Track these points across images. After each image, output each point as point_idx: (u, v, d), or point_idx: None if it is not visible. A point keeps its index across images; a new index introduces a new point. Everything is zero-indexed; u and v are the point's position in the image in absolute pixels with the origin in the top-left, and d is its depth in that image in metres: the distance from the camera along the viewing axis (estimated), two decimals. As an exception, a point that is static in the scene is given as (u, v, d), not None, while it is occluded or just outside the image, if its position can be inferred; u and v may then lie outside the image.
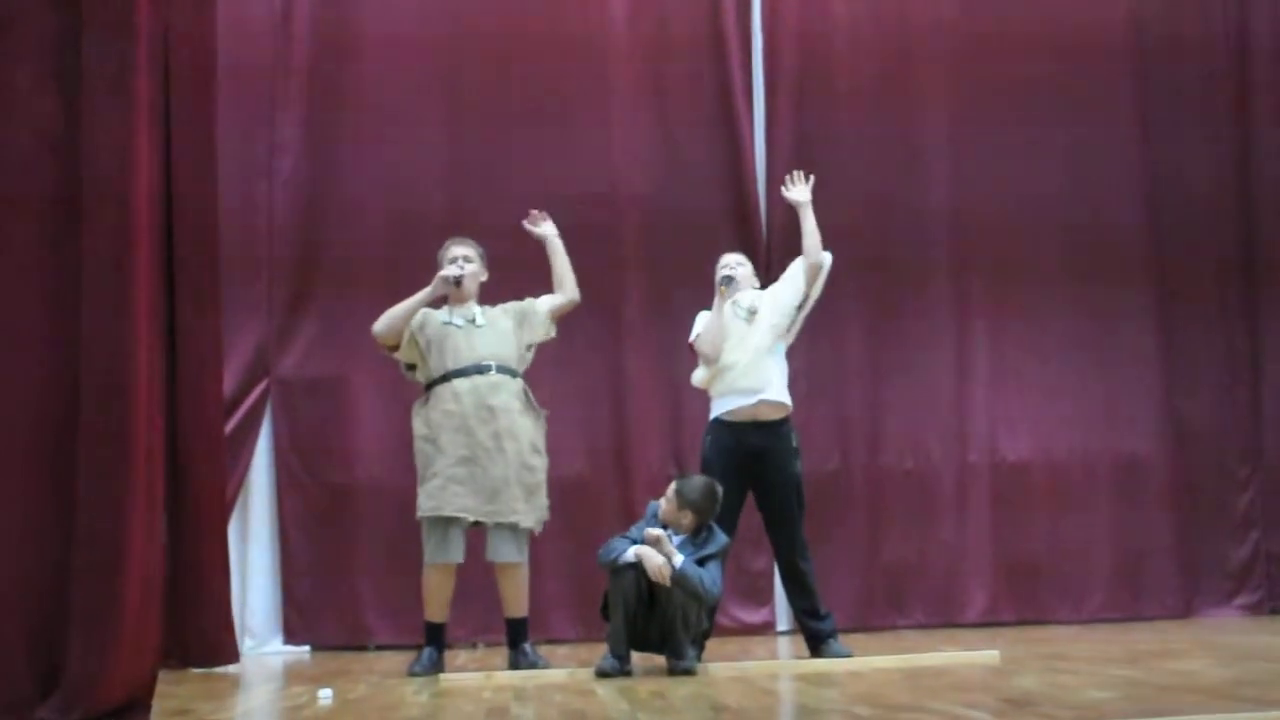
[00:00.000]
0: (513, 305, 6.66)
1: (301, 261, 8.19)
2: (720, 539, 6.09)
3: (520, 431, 6.39)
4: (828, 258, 6.66)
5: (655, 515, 6.08)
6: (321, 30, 8.33)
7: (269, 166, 8.20)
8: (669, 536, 5.97)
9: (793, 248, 8.47)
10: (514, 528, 6.33)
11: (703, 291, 8.35)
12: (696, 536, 6.04)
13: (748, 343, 6.61)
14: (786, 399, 6.65)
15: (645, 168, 8.50)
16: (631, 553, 5.87)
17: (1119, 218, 8.83)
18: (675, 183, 8.50)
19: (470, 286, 6.57)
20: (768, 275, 8.33)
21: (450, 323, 6.48)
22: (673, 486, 6.09)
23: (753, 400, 6.54)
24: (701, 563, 5.95)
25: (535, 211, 6.75)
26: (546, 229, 6.75)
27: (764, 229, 8.53)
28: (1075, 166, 8.82)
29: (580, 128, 8.46)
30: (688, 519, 6.03)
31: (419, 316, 6.53)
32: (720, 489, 6.16)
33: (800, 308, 6.74)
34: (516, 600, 6.44)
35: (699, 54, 8.61)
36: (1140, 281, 8.81)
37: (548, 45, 8.47)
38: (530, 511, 6.38)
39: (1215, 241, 8.92)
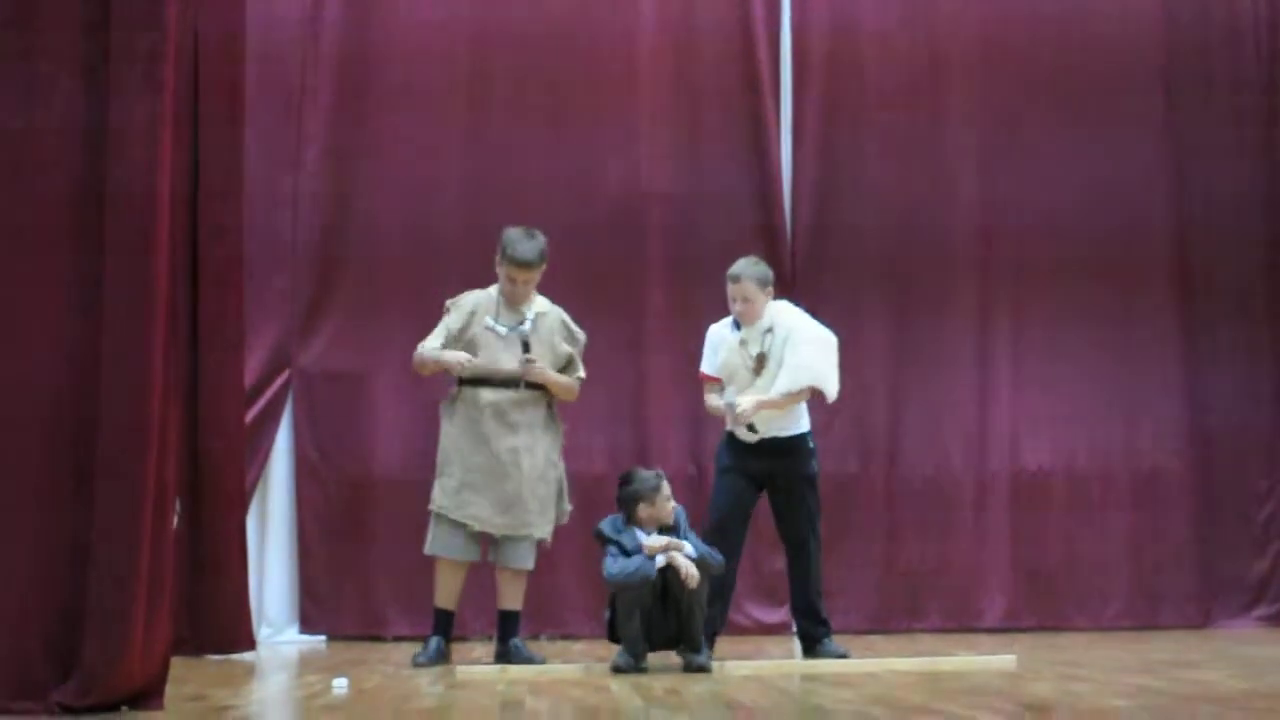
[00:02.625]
0: (570, 334, 6.65)
1: (326, 254, 8.20)
2: (678, 508, 6.15)
3: (539, 446, 6.48)
4: (830, 386, 6.56)
5: (620, 530, 6.04)
6: (349, 26, 8.33)
7: (295, 159, 8.21)
8: (649, 534, 6.01)
9: (818, 252, 8.52)
10: (526, 539, 6.43)
11: (725, 298, 8.38)
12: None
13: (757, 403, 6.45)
14: (799, 429, 6.59)
15: (670, 170, 8.47)
16: (662, 559, 5.88)
17: (1143, 228, 8.77)
18: (700, 184, 8.48)
19: (529, 297, 6.58)
20: (793, 284, 8.37)
21: (493, 329, 6.49)
22: (662, 489, 6.06)
23: (759, 437, 6.51)
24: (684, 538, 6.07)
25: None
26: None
27: (789, 232, 8.52)
28: (1100, 175, 8.75)
29: (605, 129, 8.44)
30: (669, 510, 6.08)
31: (468, 310, 6.53)
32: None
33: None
34: (513, 595, 6.52)
35: (726, 57, 8.57)
36: (1163, 292, 8.75)
37: (574, 47, 8.44)
38: (544, 523, 6.47)
39: (1241, 252, 8.85)
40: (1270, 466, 8.80)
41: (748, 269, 6.57)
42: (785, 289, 8.44)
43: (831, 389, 6.53)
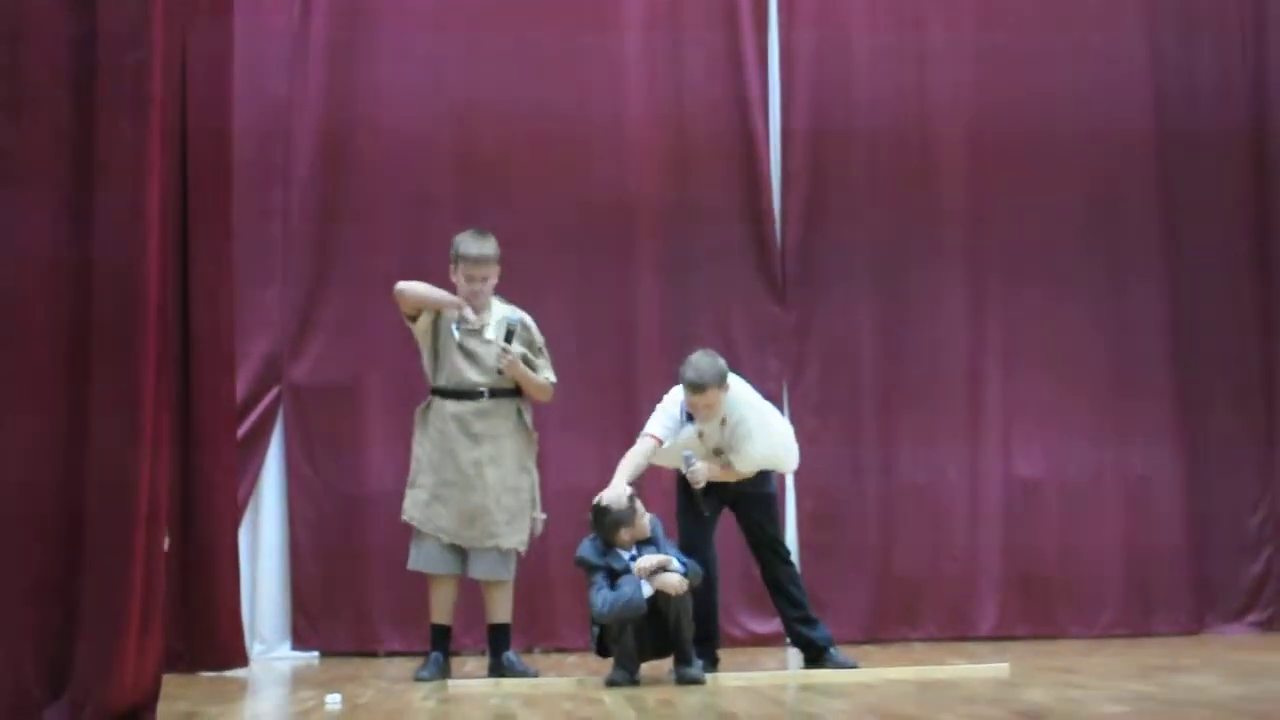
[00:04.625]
0: (530, 335, 6.63)
1: (316, 267, 8.18)
2: (654, 522, 6.15)
3: (505, 455, 6.48)
4: (788, 466, 6.64)
5: (604, 554, 6.03)
6: (338, 37, 8.32)
7: (284, 171, 8.20)
8: (629, 554, 6.01)
9: (808, 262, 8.51)
10: (495, 549, 6.42)
11: (717, 300, 8.38)
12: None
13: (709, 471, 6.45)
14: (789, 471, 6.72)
15: (660, 178, 8.48)
16: (648, 587, 5.87)
17: (1135, 233, 8.78)
18: (689, 187, 8.46)
19: (488, 297, 6.57)
20: (783, 293, 8.39)
21: (454, 334, 6.50)
22: (638, 508, 6.06)
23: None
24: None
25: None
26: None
27: (778, 239, 8.52)
28: (1091, 179, 8.77)
29: (596, 140, 8.43)
30: (645, 527, 6.07)
31: (433, 314, 6.57)
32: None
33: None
34: (498, 608, 6.51)
35: (715, 67, 8.57)
36: (1154, 298, 8.76)
37: (564, 65, 8.44)
38: (513, 532, 6.46)
39: (1232, 257, 8.87)
40: (1262, 471, 8.81)
41: (711, 375, 6.28)
42: (775, 297, 8.47)
43: (789, 467, 6.68)
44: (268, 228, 8.13)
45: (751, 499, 6.56)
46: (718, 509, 6.57)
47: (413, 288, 6.60)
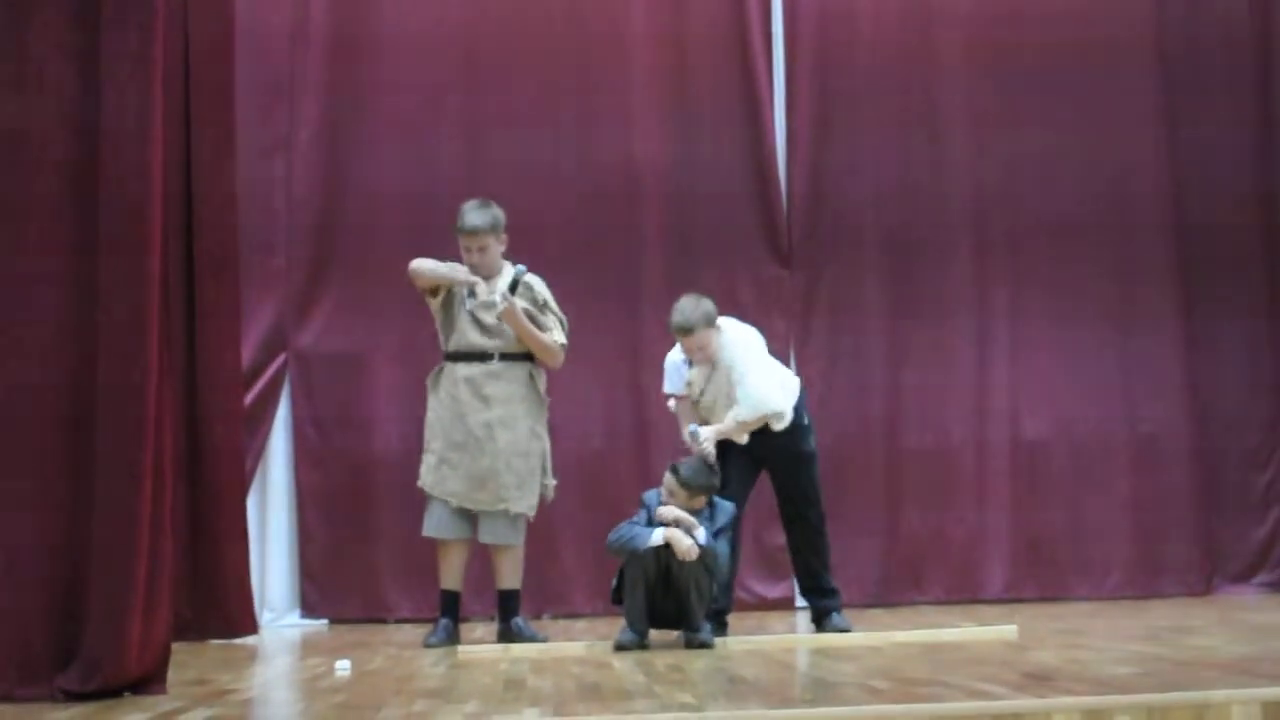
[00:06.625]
0: (533, 293, 6.57)
1: (320, 234, 8.18)
2: (727, 508, 6.12)
3: (517, 419, 6.44)
4: (785, 412, 6.52)
5: (657, 505, 6.02)
6: (341, 3, 8.31)
7: (288, 138, 8.18)
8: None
9: (814, 224, 8.50)
10: (504, 514, 6.39)
11: (721, 268, 8.35)
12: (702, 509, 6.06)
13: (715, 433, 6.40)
14: (782, 422, 6.53)
15: (664, 143, 8.45)
16: (659, 535, 5.86)
17: (1140, 194, 8.75)
18: (694, 157, 8.45)
19: (489, 267, 6.54)
20: (789, 256, 8.38)
21: (466, 304, 6.48)
22: (674, 480, 6.00)
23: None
24: (715, 535, 5.99)
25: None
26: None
27: (784, 202, 8.50)
28: (1096, 139, 8.72)
29: (600, 104, 8.41)
30: (699, 502, 6.04)
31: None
32: (713, 461, 6.23)
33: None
34: (507, 574, 6.49)
35: (718, 31, 8.54)
36: (1161, 258, 8.73)
37: (566, 24, 8.41)
38: (523, 497, 6.41)
39: (1238, 217, 8.83)
40: (1270, 432, 8.80)
41: (696, 317, 6.34)
42: (781, 261, 8.46)
43: (783, 408, 6.48)
44: (272, 194, 8.11)
45: (786, 456, 6.53)
46: (755, 471, 6.56)
47: (424, 266, 6.55)
